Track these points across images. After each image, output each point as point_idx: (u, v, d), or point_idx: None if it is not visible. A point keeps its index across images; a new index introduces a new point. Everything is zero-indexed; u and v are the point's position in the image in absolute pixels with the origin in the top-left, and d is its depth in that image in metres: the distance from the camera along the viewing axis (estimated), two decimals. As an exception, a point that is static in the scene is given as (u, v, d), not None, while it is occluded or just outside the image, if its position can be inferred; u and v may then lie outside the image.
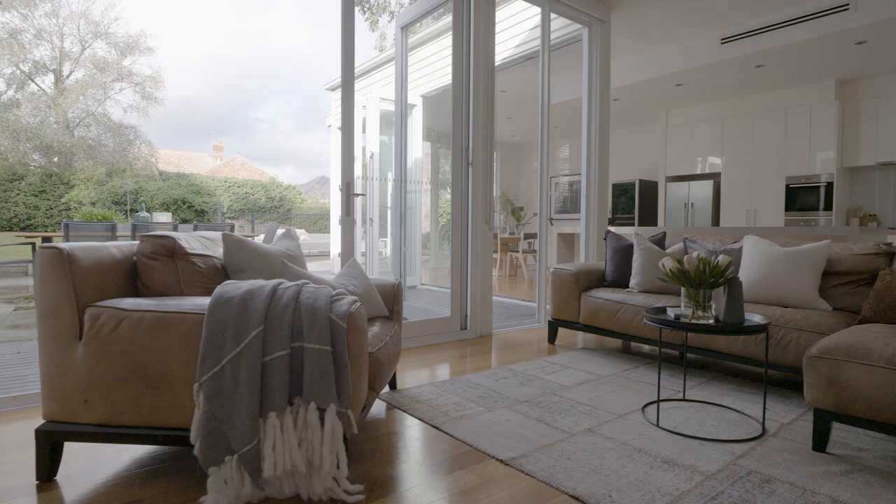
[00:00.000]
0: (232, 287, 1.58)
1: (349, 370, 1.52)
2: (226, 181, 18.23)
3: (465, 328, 3.80)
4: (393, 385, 2.58)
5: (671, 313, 2.24)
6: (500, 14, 5.40)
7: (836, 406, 1.82)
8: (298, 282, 1.66)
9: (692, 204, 7.78)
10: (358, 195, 3.24)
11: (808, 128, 6.56)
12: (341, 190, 3.14)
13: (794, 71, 5.87)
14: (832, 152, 6.36)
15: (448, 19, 5.61)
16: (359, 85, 7.95)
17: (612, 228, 5.95)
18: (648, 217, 8.56)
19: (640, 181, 8.52)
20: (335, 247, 8.39)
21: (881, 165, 6.33)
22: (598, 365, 3.05)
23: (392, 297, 2.38)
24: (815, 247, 2.73)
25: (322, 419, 1.48)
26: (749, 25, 5.07)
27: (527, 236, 8.55)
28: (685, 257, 2.08)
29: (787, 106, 6.72)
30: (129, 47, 18.23)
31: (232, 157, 25.30)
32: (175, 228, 5.14)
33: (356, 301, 1.64)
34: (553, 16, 4.37)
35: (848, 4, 4.44)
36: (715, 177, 7.63)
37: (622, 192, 8.71)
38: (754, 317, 2.20)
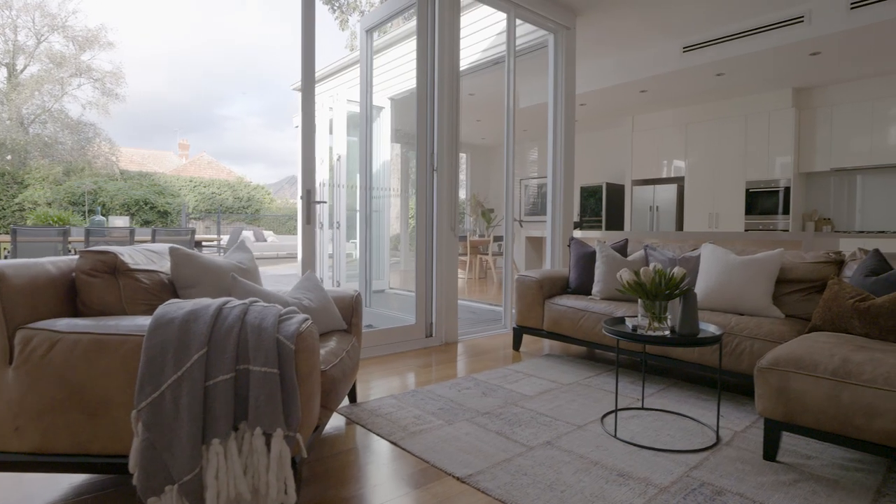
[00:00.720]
0: (174, 307, 1.51)
1: (298, 392, 1.47)
2: (191, 181, 17.75)
3: (431, 335, 3.77)
4: (353, 398, 2.53)
5: (629, 323, 2.26)
6: (467, 19, 5.39)
7: (785, 416, 1.86)
8: (246, 300, 1.61)
9: (657, 207, 7.93)
10: (319, 203, 3.17)
11: (766, 134, 6.76)
12: (302, 198, 3.08)
13: (753, 79, 6.04)
14: (790, 158, 6.57)
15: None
16: (326, 85, 7.84)
17: (578, 233, 6.01)
18: (615, 220, 8.69)
19: (608, 184, 8.64)
20: (315, 240, 8.24)
21: (835, 171, 6.57)
22: (560, 373, 3.07)
23: (350, 310, 2.33)
24: (769, 255, 2.80)
25: (269, 444, 1.43)
26: (710, 35, 5.19)
27: (497, 239, 8.57)
28: (641, 270, 2.10)
29: (747, 113, 6.90)
30: (87, 41, 17.55)
31: (198, 156, 24.66)
32: (132, 233, 4.95)
33: (306, 320, 1.59)
34: (519, 21, 4.37)
35: (803, 17, 4.58)
36: (679, 181, 7.79)
37: (590, 195, 8.82)
38: (709, 327, 2.24)
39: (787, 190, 6.60)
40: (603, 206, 8.59)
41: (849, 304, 2.24)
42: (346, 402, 2.53)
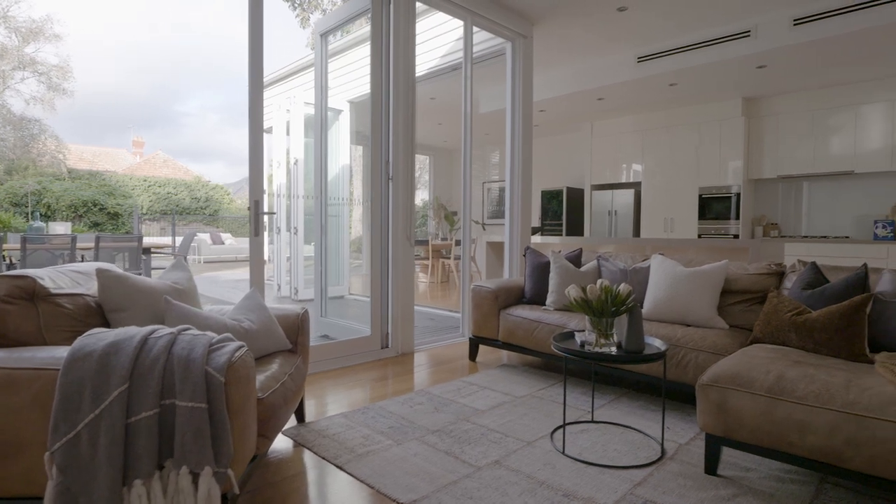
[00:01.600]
0: (93, 339, 1.42)
1: (228, 426, 1.41)
2: (146, 180, 17.12)
3: (387, 346, 3.72)
4: (301, 417, 2.46)
5: (578, 338, 2.28)
6: (425, 24, 5.35)
7: (725, 432, 1.90)
8: (175, 329, 1.53)
9: (616, 212, 8.08)
10: (267, 214, 3.07)
11: (718, 142, 6.97)
12: (249, 209, 2.97)
13: (704, 89, 6.22)
14: (740, 165, 6.79)
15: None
16: (284, 86, 7.66)
17: (538, 239, 6.06)
18: (576, 224, 8.82)
19: (568, 189, 8.75)
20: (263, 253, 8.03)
21: (782, 178, 6.83)
22: (515, 384, 3.07)
23: (296, 329, 2.26)
24: (714, 267, 2.87)
25: (196, 483, 1.36)
26: (663, 46, 5.31)
27: (459, 242, 8.57)
28: (588, 287, 2.11)
29: (700, 121, 7.10)
30: (32, 33, 16.66)
31: (153, 154, 23.79)
32: (73, 241, 4.70)
33: (240, 348, 1.53)
34: (476, 29, 4.37)
35: (749, 32, 4.74)
36: (637, 186, 7.96)
37: (551, 199, 8.92)
38: (654, 342, 2.27)
39: (738, 196, 6.83)
40: (563, 210, 8.70)
41: (786, 318, 2.31)
42: (293, 422, 2.46)
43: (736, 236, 6.84)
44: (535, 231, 6.67)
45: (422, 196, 13.90)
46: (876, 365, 1.92)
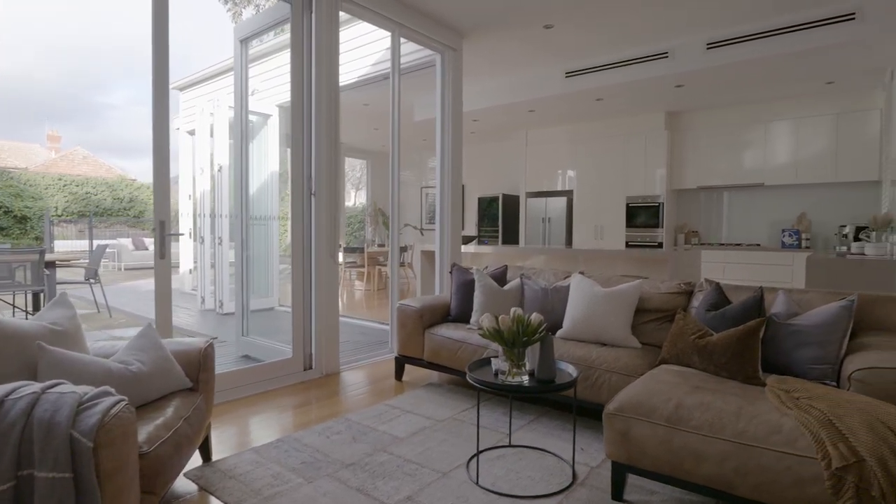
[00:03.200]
0: (-67, 407, 1.26)
1: (98, 496, 1.29)
2: (61, 179, 15.88)
3: (310, 368, 3.61)
4: (207, 456, 2.32)
5: (494, 365, 2.28)
6: (355, 31, 5.24)
7: (628, 459, 1.95)
8: (39, 386, 1.38)
9: (549, 219, 8.27)
10: (175, 235, 2.89)
11: (643, 153, 7.27)
12: (154, 230, 2.78)
13: (629, 104, 6.46)
14: (664, 175, 7.11)
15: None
16: (210, 87, 7.30)
17: (472, 248, 6.08)
18: (511, 230, 8.95)
19: (504, 195, 8.87)
20: (185, 261, 7.63)
21: (701, 188, 7.22)
22: (438, 406, 3.05)
23: (197, 365, 2.13)
24: (629, 287, 2.97)
25: (58, 562, 1.23)
26: (589, 63, 5.46)
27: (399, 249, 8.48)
28: (500, 318, 2.11)
29: (627, 132, 7.39)
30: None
31: (72, 150, 22.11)
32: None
33: (117, 403, 1.40)
34: (405, 40, 4.31)
35: (667, 53, 4.96)
36: (569, 194, 8.17)
37: (488, 206, 9.01)
38: (568, 368, 2.31)
39: (663, 205, 7.15)
40: (500, 217, 8.81)
41: (690, 341, 2.41)
42: (198, 460, 2.31)
43: (661, 244, 7.16)
44: (470, 240, 6.70)
45: (360, 199, 13.69)
46: (766, 389, 2.03)
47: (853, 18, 4.10)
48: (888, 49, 4.42)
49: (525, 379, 2.14)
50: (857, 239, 5.37)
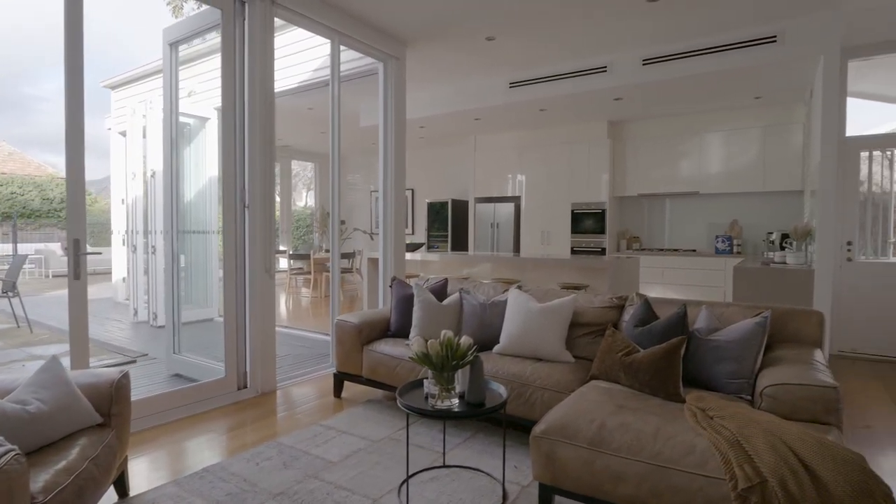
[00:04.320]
0: None
1: (-26, 562, 1.18)
2: (-18, 178, 14.76)
3: (245, 387, 3.49)
4: (123, 492, 2.20)
5: (426, 387, 2.26)
6: (295, 36, 5.12)
7: (553, 481, 1.98)
8: None
9: (498, 224, 8.35)
10: (90, 254, 2.72)
11: (587, 161, 7.45)
12: (65, 250, 2.61)
13: (572, 114, 6.61)
14: (607, 182, 7.31)
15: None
16: (141, 88, 6.95)
17: (418, 256, 6.05)
18: (461, 235, 8.99)
19: (453, 201, 8.89)
20: (118, 269, 7.23)
21: (641, 196, 7.47)
22: (375, 425, 3.01)
23: (109, 398, 2.01)
24: (563, 302, 3.02)
25: None
26: (531, 74, 5.55)
27: (345, 255, 8.36)
28: (429, 343, 2.09)
29: (571, 141, 7.55)
30: None
31: (-5, 146, 20.59)
32: None
33: (5, 454, 1.30)
34: (345, 48, 4.24)
35: (606, 67, 5.09)
36: (516, 200, 8.28)
37: (438, 211, 9.01)
38: (499, 388, 2.32)
39: (606, 211, 7.35)
40: (449, 222, 8.83)
41: (617, 358, 2.47)
42: (113, 497, 2.19)
43: (604, 249, 7.36)
44: (418, 246, 6.67)
45: (312, 201, 13.41)
46: (685, 407, 2.11)
47: (774, 41, 4.33)
48: (807, 70, 4.70)
49: (455, 402, 2.14)
50: (782, 247, 5.69)
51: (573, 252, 7.57)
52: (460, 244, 8.97)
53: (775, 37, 4.33)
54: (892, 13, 3.99)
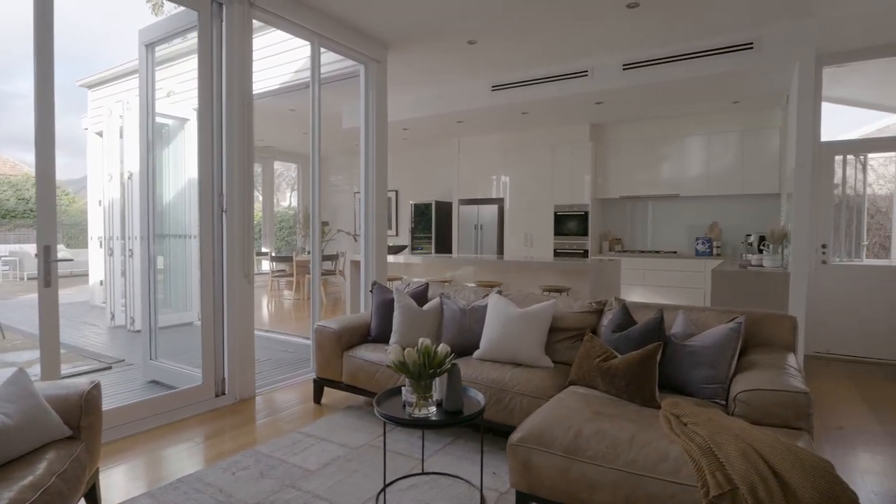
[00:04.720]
0: None
1: (-71, 587, 1.15)
2: (-46, 177, 14.39)
3: (223, 393, 3.44)
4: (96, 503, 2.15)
5: (404, 395, 2.25)
6: (275, 37, 5.07)
7: (530, 489, 1.98)
8: None
9: (481, 226, 8.36)
10: (62, 261, 2.67)
11: (570, 163, 7.50)
12: (36, 256, 2.55)
13: (554, 117, 6.64)
14: (589, 185, 7.36)
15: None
16: (118, 87, 6.83)
17: (401, 258, 6.04)
18: (445, 237, 8.98)
19: (437, 202, 8.89)
20: (96, 271, 7.09)
21: (624, 198, 7.54)
22: (354, 432, 2.99)
23: (78, 410, 1.96)
24: (543, 307, 3.03)
25: None
26: (514, 78, 5.56)
27: (328, 258, 8.30)
28: (406, 351, 2.09)
29: (554, 143, 7.59)
30: None
31: (-31, 144, 20.09)
32: None
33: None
34: (325, 50, 4.20)
35: (587, 72, 5.13)
36: (500, 201, 8.30)
37: (422, 213, 8.99)
38: (477, 396, 2.32)
39: (588, 213, 7.40)
40: (433, 223, 8.82)
41: (595, 364, 2.49)
42: (84, 510, 2.14)
43: (587, 251, 7.41)
44: (402, 249, 6.66)
45: (293, 202, 13.30)
46: (660, 413, 2.13)
47: (751, 47, 4.40)
48: (783, 76, 4.79)
49: (433, 410, 2.13)
50: (759, 249, 5.78)
51: (556, 254, 7.61)
52: (444, 246, 8.96)
53: (752, 43, 4.39)
54: (865, 22, 4.08)
